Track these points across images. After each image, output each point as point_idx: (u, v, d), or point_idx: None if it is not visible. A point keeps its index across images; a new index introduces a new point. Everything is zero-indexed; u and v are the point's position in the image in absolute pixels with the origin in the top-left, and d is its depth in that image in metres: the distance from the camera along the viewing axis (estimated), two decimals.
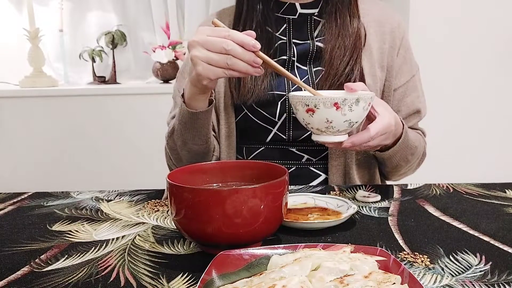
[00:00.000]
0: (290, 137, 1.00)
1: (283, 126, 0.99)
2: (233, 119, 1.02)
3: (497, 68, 1.85)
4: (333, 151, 0.99)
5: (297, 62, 1.01)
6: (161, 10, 2.35)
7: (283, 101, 0.98)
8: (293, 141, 1.00)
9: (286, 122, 0.99)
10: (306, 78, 0.99)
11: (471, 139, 1.89)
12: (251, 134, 1.02)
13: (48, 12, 2.35)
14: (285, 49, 1.01)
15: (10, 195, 0.89)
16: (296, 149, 1.01)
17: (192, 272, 0.54)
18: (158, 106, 2.09)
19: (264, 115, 0.99)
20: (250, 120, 1.00)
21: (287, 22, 1.03)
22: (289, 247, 0.52)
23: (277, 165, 0.65)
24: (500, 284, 0.50)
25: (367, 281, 0.44)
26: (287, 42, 1.02)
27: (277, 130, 1.00)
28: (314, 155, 1.00)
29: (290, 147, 1.01)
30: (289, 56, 1.01)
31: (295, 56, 1.01)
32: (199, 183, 0.67)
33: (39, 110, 2.14)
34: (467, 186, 0.89)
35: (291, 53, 1.01)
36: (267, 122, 1.00)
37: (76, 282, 0.53)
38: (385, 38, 1.02)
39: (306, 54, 1.01)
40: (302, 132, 0.99)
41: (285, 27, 1.03)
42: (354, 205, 0.71)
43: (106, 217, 0.76)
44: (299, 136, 0.99)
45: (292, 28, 1.02)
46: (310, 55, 1.01)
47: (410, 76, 1.04)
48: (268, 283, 0.45)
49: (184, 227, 0.57)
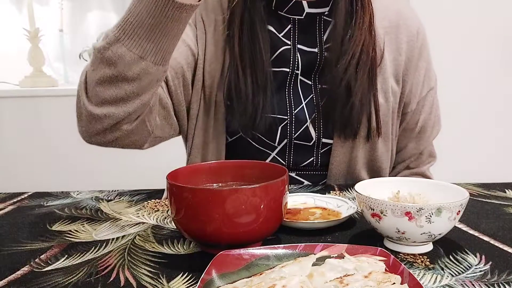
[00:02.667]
0: (291, 162, 0.91)
1: (283, 151, 0.91)
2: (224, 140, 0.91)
3: (497, 68, 1.85)
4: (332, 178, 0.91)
5: (301, 76, 0.89)
6: None
7: (284, 125, 0.88)
8: (294, 166, 0.92)
9: (287, 148, 0.90)
10: (310, 99, 0.88)
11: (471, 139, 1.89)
12: (247, 156, 0.90)
13: (48, 12, 2.35)
14: (289, 58, 0.89)
15: (10, 195, 0.89)
16: (296, 174, 0.93)
17: (192, 272, 0.54)
18: None
19: (263, 140, 0.89)
20: (246, 143, 0.90)
21: (292, 23, 0.89)
22: (289, 247, 0.52)
23: (277, 165, 0.65)
24: (500, 284, 0.50)
25: (367, 281, 0.44)
26: (291, 49, 0.89)
27: (276, 154, 0.91)
28: (315, 180, 0.93)
29: (290, 172, 0.91)
30: (292, 68, 0.88)
31: (299, 69, 0.88)
32: (199, 183, 0.67)
33: (39, 110, 2.14)
34: (467, 186, 0.89)
35: (295, 64, 0.88)
36: (265, 146, 0.90)
37: (76, 282, 0.53)
38: (401, 48, 0.89)
39: (313, 65, 0.88)
40: (304, 159, 0.90)
41: (289, 28, 0.89)
42: (354, 205, 0.71)
43: (106, 217, 0.76)
44: (301, 162, 0.91)
45: (297, 31, 0.89)
46: (317, 67, 0.88)
47: (428, 90, 0.94)
48: (268, 283, 0.45)
49: (184, 227, 0.57)
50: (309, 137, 0.89)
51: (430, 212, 0.54)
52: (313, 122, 0.88)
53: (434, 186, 0.64)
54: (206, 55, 0.89)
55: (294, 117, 0.88)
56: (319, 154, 0.90)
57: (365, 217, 0.60)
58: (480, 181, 0.92)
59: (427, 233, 0.56)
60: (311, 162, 0.91)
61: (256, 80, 0.85)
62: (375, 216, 0.58)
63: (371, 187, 0.64)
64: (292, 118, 0.88)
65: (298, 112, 0.88)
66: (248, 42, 0.85)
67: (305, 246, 0.52)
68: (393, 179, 0.68)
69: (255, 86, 0.85)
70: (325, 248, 0.52)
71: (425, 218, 0.54)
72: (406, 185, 0.66)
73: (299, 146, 0.90)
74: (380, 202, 0.56)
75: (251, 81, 0.85)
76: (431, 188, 0.64)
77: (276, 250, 0.52)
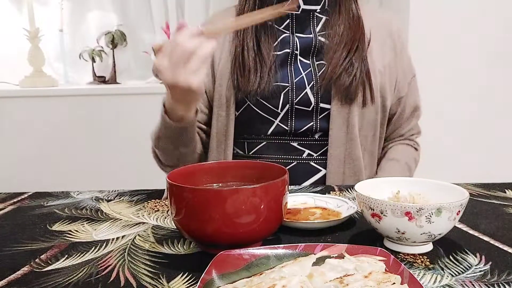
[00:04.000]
0: (292, 128, 1.01)
1: (286, 117, 1.01)
2: (233, 113, 1.03)
3: (497, 68, 1.85)
4: (333, 144, 1.00)
5: (300, 56, 1.03)
6: (161, 10, 2.35)
7: (286, 92, 1.00)
8: (295, 133, 1.01)
9: (289, 113, 1.01)
10: (309, 71, 1.01)
11: (471, 139, 1.89)
12: (253, 126, 1.03)
13: (48, 12, 2.35)
14: (288, 42, 1.04)
15: (10, 195, 0.89)
16: (297, 144, 1.02)
17: (192, 272, 0.54)
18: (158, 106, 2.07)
19: (267, 107, 1.01)
20: (253, 112, 1.02)
21: (290, 17, 1.05)
22: (289, 247, 0.52)
23: (277, 165, 0.65)
24: (500, 284, 0.50)
25: (367, 281, 0.44)
26: (290, 36, 1.04)
27: (279, 121, 1.01)
28: (315, 149, 1.02)
29: (292, 142, 1.02)
30: (292, 50, 1.03)
31: (298, 50, 1.03)
32: (199, 183, 0.67)
33: (39, 110, 2.14)
34: (467, 186, 0.89)
35: (294, 46, 1.03)
36: (270, 113, 1.01)
37: (76, 282, 0.53)
38: (385, 40, 1.05)
39: (309, 47, 1.03)
40: (304, 123, 1.00)
41: (288, 22, 1.05)
42: (354, 205, 0.71)
43: (106, 217, 0.76)
44: (301, 127, 1.01)
45: (295, 23, 1.05)
46: (313, 49, 1.03)
47: (411, 77, 1.09)
48: (268, 283, 0.45)
49: (184, 227, 0.57)
50: (308, 102, 1.00)
51: (430, 212, 0.54)
52: (312, 89, 1.00)
53: (434, 186, 0.64)
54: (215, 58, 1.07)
55: (294, 85, 1.01)
56: (318, 120, 1.01)
57: (365, 217, 0.60)
58: (480, 181, 0.92)
59: (427, 233, 0.56)
60: (311, 127, 1.01)
61: (260, 58, 1.01)
62: (375, 216, 0.58)
63: (371, 187, 0.64)
64: (293, 85, 1.01)
65: (299, 81, 1.01)
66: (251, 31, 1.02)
67: (305, 246, 0.52)
68: (393, 179, 0.68)
69: (259, 61, 1.00)
70: (325, 248, 0.52)
71: (425, 218, 0.54)
72: (406, 185, 0.66)
73: (299, 112, 1.01)
74: (380, 202, 0.56)
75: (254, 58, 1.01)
76: (431, 188, 0.64)
77: (276, 250, 0.52)
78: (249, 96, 1.01)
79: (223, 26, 0.80)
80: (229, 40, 1.05)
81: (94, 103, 2.15)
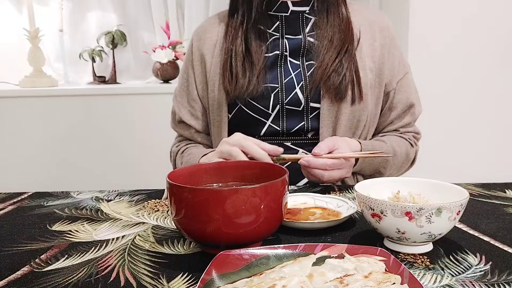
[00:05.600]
0: (284, 128, 1.02)
1: (277, 118, 1.03)
2: (226, 115, 1.05)
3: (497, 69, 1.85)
4: None
5: (289, 57, 1.04)
6: (161, 10, 2.35)
7: (276, 93, 1.02)
8: (287, 133, 1.03)
9: (280, 114, 1.02)
10: (298, 72, 1.03)
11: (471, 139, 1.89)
12: (246, 128, 1.03)
13: (48, 12, 2.35)
14: (278, 44, 1.05)
15: (10, 195, 0.89)
16: (291, 143, 1.03)
17: (192, 272, 0.54)
18: (158, 106, 2.09)
19: (258, 108, 1.02)
20: (245, 114, 1.03)
21: (280, 19, 1.06)
22: (289, 247, 0.52)
23: (277, 165, 0.65)
24: (500, 284, 0.50)
25: (367, 281, 0.44)
26: (279, 38, 1.06)
27: (271, 122, 1.03)
28: (308, 148, 1.01)
29: (285, 142, 1.03)
30: (281, 51, 1.04)
31: (287, 51, 1.04)
32: (199, 183, 0.67)
33: (39, 110, 2.14)
34: (467, 186, 0.89)
35: (283, 47, 1.05)
36: (261, 114, 1.03)
37: (76, 282, 0.53)
38: (375, 36, 1.06)
39: (298, 48, 1.04)
40: (295, 123, 1.02)
41: (277, 24, 1.06)
42: (354, 205, 0.71)
43: (106, 217, 0.76)
44: (293, 127, 1.02)
45: (284, 24, 1.06)
46: (302, 50, 1.04)
47: (403, 74, 1.08)
48: (268, 283, 0.45)
49: (184, 227, 0.57)
50: (298, 102, 1.02)
51: (430, 212, 0.54)
52: (301, 89, 1.02)
53: (434, 186, 0.64)
54: None
55: (284, 85, 1.03)
56: (309, 119, 1.02)
57: (365, 217, 0.60)
58: (480, 181, 0.92)
59: (427, 233, 0.56)
60: (302, 126, 1.03)
61: (249, 62, 1.03)
62: (375, 216, 0.58)
63: (371, 187, 0.64)
64: (283, 86, 1.03)
65: (288, 81, 1.03)
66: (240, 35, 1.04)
67: (305, 246, 0.52)
68: (393, 179, 0.68)
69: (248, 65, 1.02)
70: (325, 248, 0.52)
71: (425, 218, 0.54)
72: (406, 185, 0.66)
73: (290, 112, 1.03)
74: (380, 202, 0.56)
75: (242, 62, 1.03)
76: (431, 188, 0.64)
77: (276, 250, 0.52)
78: (239, 98, 1.02)
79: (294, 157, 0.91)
80: (220, 44, 1.07)
81: (94, 103, 2.15)
